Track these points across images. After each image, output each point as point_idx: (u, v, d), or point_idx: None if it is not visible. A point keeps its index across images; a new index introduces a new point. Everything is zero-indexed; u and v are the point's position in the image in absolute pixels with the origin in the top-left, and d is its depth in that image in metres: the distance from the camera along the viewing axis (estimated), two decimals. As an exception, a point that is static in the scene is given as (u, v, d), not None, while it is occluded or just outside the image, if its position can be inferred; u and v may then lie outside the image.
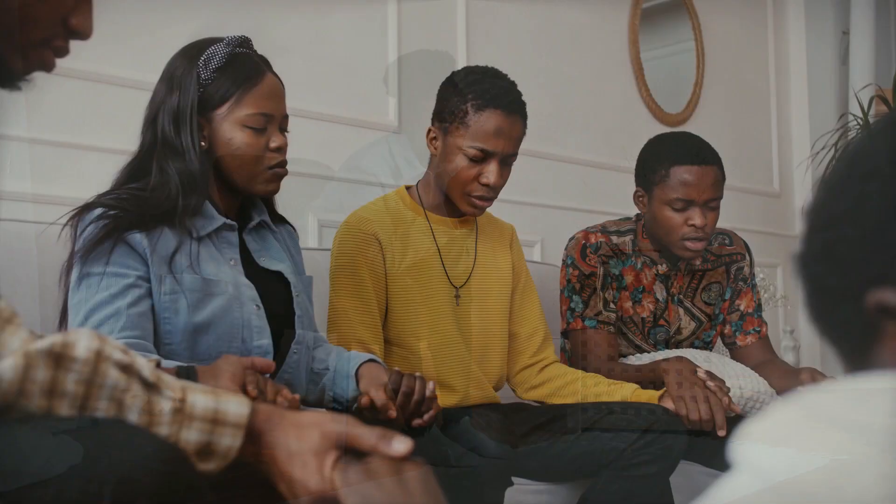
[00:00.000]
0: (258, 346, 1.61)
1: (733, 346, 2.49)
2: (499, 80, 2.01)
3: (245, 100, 1.63)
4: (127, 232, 1.53)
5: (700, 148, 2.31)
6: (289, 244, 1.83)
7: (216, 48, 1.64)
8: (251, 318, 1.61)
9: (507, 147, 1.99)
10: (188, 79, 1.62)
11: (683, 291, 2.42)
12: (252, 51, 1.71)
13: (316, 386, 1.76)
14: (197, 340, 1.56)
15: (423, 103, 3.08)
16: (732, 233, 2.53)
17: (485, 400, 2.09)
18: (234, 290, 1.60)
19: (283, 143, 1.68)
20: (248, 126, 1.63)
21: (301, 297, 1.74)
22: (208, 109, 1.63)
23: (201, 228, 1.62)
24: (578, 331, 2.33)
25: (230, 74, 1.63)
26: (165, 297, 1.54)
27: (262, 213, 1.78)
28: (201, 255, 1.60)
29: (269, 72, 1.69)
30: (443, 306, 2.05)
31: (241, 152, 1.64)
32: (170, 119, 1.61)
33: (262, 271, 1.71)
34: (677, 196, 2.27)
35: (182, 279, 1.55)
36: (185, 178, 1.59)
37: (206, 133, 1.64)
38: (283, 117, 1.70)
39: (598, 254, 2.35)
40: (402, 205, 2.11)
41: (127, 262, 1.53)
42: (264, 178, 1.67)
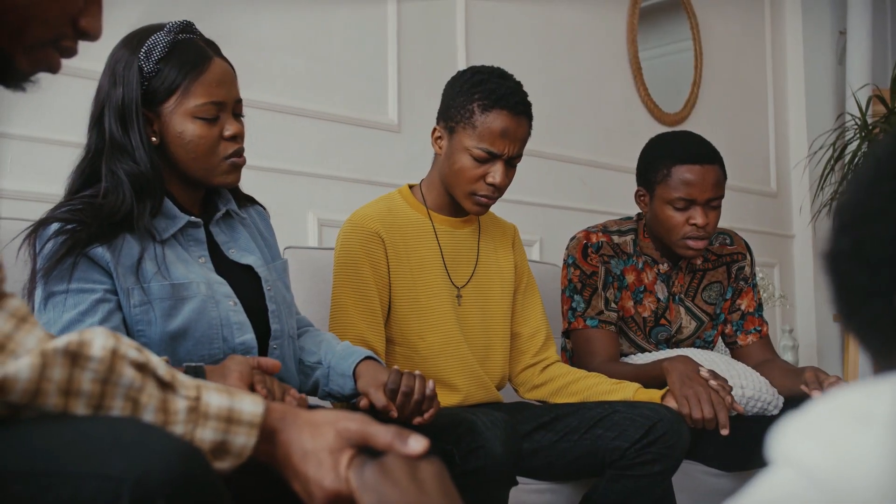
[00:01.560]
0: (241, 343, 1.55)
1: (734, 345, 2.49)
2: (505, 80, 2.01)
3: (192, 89, 1.53)
4: (88, 246, 1.45)
5: (702, 147, 2.32)
6: (260, 226, 1.75)
7: (157, 37, 1.54)
8: (229, 315, 1.54)
9: (513, 148, 1.99)
10: (130, 72, 1.52)
11: (684, 291, 2.43)
12: (196, 35, 1.59)
13: (308, 378, 1.72)
14: (175, 347, 1.50)
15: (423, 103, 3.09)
16: (733, 232, 2.54)
17: (487, 399, 2.09)
18: (207, 290, 1.53)
19: (238, 131, 1.59)
20: (198, 117, 1.54)
21: (274, 289, 1.66)
22: (155, 103, 1.54)
23: (164, 230, 1.55)
24: (580, 330, 2.33)
25: (174, 64, 1.53)
26: (136, 309, 1.47)
27: (228, 202, 1.69)
28: (168, 258, 1.53)
29: (216, 56, 1.58)
30: (445, 306, 2.05)
31: (193, 145, 1.55)
32: (116, 117, 1.52)
33: (233, 265, 1.64)
34: (679, 195, 2.27)
35: (150, 289, 1.48)
36: (137, 180, 1.51)
37: (157, 128, 1.55)
38: (236, 102, 1.60)
39: (600, 253, 2.36)
40: (406, 204, 2.10)
41: (92, 277, 1.45)
42: (222, 169, 1.58)
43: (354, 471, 0.90)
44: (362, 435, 0.93)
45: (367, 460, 0.91)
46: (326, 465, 0.91)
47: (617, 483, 1.90)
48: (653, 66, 4.05)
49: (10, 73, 0.94)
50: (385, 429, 0.93)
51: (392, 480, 0.87)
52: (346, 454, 0.92)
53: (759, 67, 4.66)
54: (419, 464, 0.90)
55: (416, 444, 0.91)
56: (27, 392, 0.80)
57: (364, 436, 0.93)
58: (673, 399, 1.99)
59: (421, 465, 0.89)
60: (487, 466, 1.61)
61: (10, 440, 0.79)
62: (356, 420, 0.94)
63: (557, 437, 1.98)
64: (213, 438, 0.88)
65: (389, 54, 3.09)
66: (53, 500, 0.74)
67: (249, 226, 1.73)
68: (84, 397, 0.83)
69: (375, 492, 0.87)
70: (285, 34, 2.83)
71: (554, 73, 3.57)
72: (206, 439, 0.88)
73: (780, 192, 4.68)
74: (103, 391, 0.84)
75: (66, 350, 0.83)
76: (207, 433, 0.88)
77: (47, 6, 0.92)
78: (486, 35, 3.36)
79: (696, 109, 4.23)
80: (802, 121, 4.72)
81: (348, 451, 0.92)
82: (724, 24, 4.46)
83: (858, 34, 4.61)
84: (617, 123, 3.87)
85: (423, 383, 1.60)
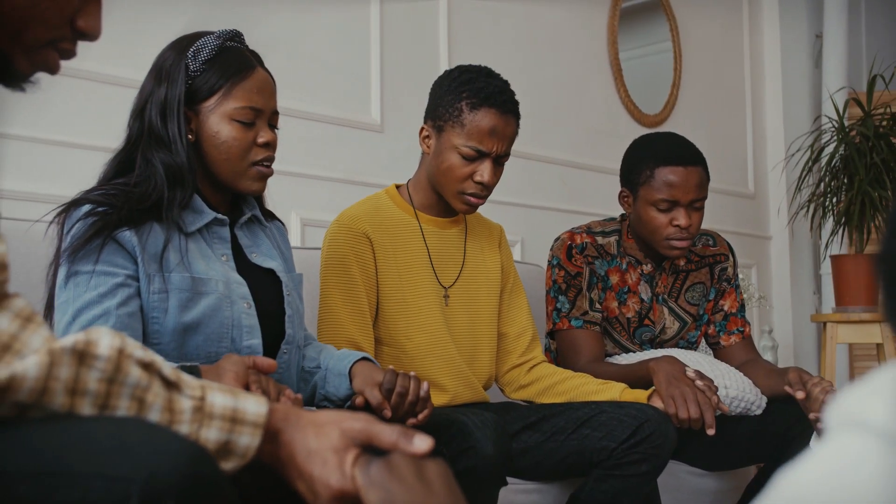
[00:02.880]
0: (247, 346, 1.58)
1: (717, 345, 2.51)
2: (493, 79, 2.02)
3: (234, 93, 1.60)
4: (116, 229, 1.49)
5: (685, 149, 2.33)
6: (279, 240, 1.80)
7: (206, 40, 1.61)
8: (241, 317, 1.58)
9: (502, 146, 1.99)
10: (176, 70, 1.59)
11: (668, 291, 2.44)
12: (243, 45, 1.68)
13: (307, 384, 1.75)
14: (185, 340, 1.53)
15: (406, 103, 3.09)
16: (716, 233, 2.56)
17: (474, 399, 2.10)
18: (225, 288, 1.57)
19: (270, 139, 1.64)
20: (235, 119, 1.60)
21: (292, 295, 1.71)
22: (196, 102, 1.60)
23: (191, 224, 1.59)
24: (565, 331, 2.34)
25: (219, 67, 1.60)
26: (154, 296, 1.51)
27: (254, 208, 1.75)
28: (191, 252, 1.57)
29: (259, 66, 1.66)
30: (432, 306, 2.05)
31: (227, 146, 1.60)
32: (157, 110, 1.58)
33: (254, 268, 1.68)
34: (662, 197, 2.29)
35: (171, 278, 1.52)
36: (171, 169, 1.56)
37: (194, 126, 1.60)
38: (273, 113, 1.67)
39: (584, 254, 2.36)
40: (393, 204, 2.10)
41: (116, 261, 1.49)
42: (250, 175, 1.63)
43: (360, 468, 0.90)
44: (367, 434, 0.93)
45: (373, 458, 0.91)
46: (332, 463, 0.91)
47: (604, 483, 1.91)
48: (632, 67, 4.07)
49: (10, 74, 0.94)
50: (390, 428, 0.93)
51: (398, 478, 0.87)
52: (351, 453, 0.92)
53: (737, 70, 4.69)
54: (425, 463, 0.90)
55: (421, 443, 0.92)
56: (34, 391, 0.80)
57: (369, 435, 0.93)
58: (659, 399, 2.00)
59: (426, 464, 0.90)
60: (478, 466, 1.61)
61: (18, 440, 0.78)
62: (360, 419, 0.94)
63: (544, 437, 1.98)
64: (218, 438, 0.88)
65: (372, 54, 3.08)
66: (62, 500, 0.74)
67: (271, 236, 1.78)
68: (90, 397, 0.83)
69: (382, 488, 0.87)
70: (268, 34, 2.81)
71: (535, 74, 3.58)
72: (211, 439, 0.88)
73: (757, 193, 4.72)
74: (109, 391, 0.84)
75: (73, 349, 0.82)
76: (212, 433, 0.88)
77: (46, 7, 0.92)
78: (469, 36, 3.36)
79: (675, 111, 4.26)
80: (780, 123, 4.76)
81: (353, 450, 0.92)
82: (703, 26, 4.49)
83: (834, 38, 4.66)
84: (597, 124, 3.88)
85: (417, 384, 1.61)
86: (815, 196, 3.90)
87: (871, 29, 5.12)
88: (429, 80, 2.14)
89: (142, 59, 2.45)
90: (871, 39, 5.06)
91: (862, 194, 3.69)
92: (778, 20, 4.80)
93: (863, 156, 3.73)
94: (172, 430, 0.81)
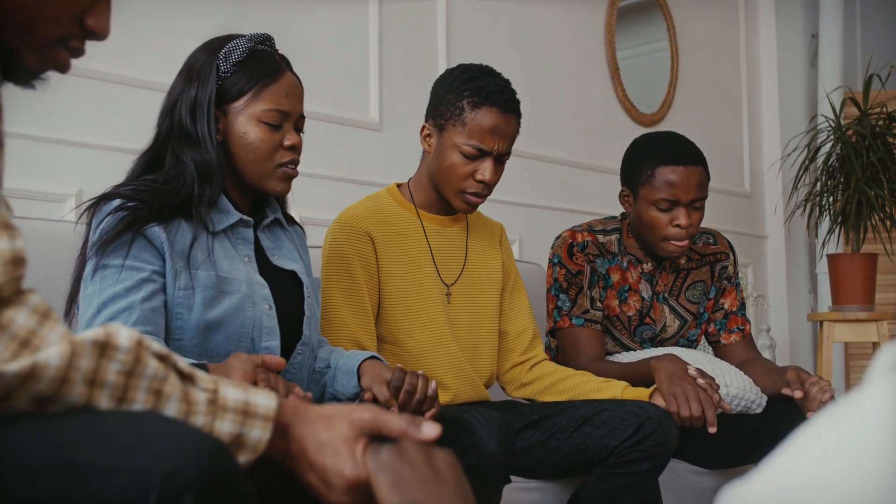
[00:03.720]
0: (266, 348, 1.60)
1: (717, 344, 2.51)
2: (494, 77, 2.02)
3: (263, 95, 1.62)
4: (145, 225, 1.51)
5: (685, 148, 2.34)
6: (298, 245, 1.82)
7: (237, 42, 1.64)
8: (262, 318, 1.60)
9: (503, 144, 2.00)
10: (207, 70, 1.62)
11: (668, 290, 2.45)
12: (273, 49, 1.70)
13: (317, 385, 1.76)
14: (207, 338, 1.55)
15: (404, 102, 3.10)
16: (716, 232, 2.56)
17: (476, 397, 2.10)
18: (248, 289, 1.59)
19: (297, 142, 1.67)
20: (263, 121, 1.63)
21: (311, 298, 1.73)
22: (225, 102, 1.63)
23: (217, 223, 1.61)
24: (566, 329, 2.34)
25: (249, 69, 1.63)
26: (180, 292, 1.53)
27: (276, 211, 1.77)
28: (216, 251, 1.59)
29: (289, 70, 1.69)
30: (434, 304, 2.05)
31: (254, 147, 1.63)
32: (187, 109, 1.60)
33: (276, 270, 1.70)
34: (662, 196, 2.29)
35: (197, 275, 1.54)
36: (200, 167, 1.58)
37: (222, 126, 1.63)
38: (300, 117, 1.69)
39: (585, 252, 2.37)
40: (394, 203, 2.10)
41: (144, 256, 1.51)
42: (275, 176, 1.65)
43: (370, 454, 0.91)
44: (376, 423, 0.95)
45: (383, 445, 0.92)
46: (344, 454, 0.92)
47: (606, 481, 1.92)
48: (629, 66, 4.07)
49: (19, 71, 0.95)
50: (398, 417, 0.95)
51: (408, 462, 0.89)
52: (361, 443, 0.93)
53: (733, 69, 4.70)
54: (433, 450, 0.92)
55: (429, 430, 0.94)
56: (55, 380, 0.80)
57: (378, 424, 0.95)
58: (661, 397, 2.00)
59: (435, 452, 0.91)
60: (482, 464, 1.61)
61: (39, 435, 0.79)
62: (368, 410, 0.96)
63: (546, 435, 1.98)
64: (231, 431, 0.89)
65: (371, 54, 3.08)
66: (83, 493, 0.75)
67: (292, 240, 1.80)
68: (108, 389, 0.84)
69: (391, 471, 0.88)
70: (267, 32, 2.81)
71: (533, 73, 3.59)
72: (225, 431, 0.88)
73: (754, 193, 4.73)
74: (127, 384, 0.85)
75: (94, 341, 0.83)
76: (226, 425, 0.89)
77: (55, 4, 0.93)
78: (467, 36, 3.37)
79: (672, 110, 4.27)
80: (776, 122, 4.78)
81: (363, 440, 0.94)
82: (700, 25, 4.50)
83: (830, 37, 4.68)
84: (595, 124, 3.89)
85: (425, 383, 1.62)
86: (812, 195, 3.91)
87: (867, 28, 5.14)
88: (427, 79, 2.14)
89: (149, 59, 2.47)
90: (867, 39, 5.08)
91: (858, 193, 3.70)
92: (774, 20, 4.82)
93: (859, 155, 3.74)
94: (190, 425, 0.82)
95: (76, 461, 0.76)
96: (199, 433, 0.80)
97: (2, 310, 0.81)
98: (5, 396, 0.79)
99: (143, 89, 2.38)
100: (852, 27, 4.97)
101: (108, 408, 0.84)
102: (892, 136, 3.79)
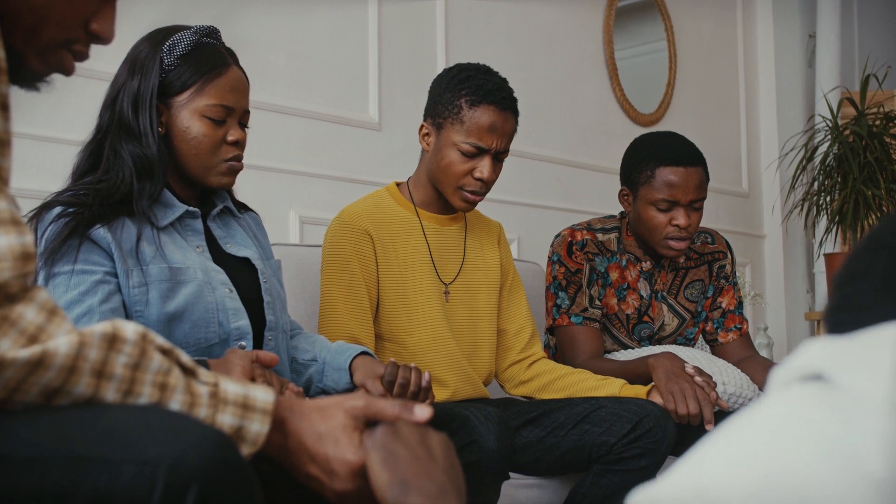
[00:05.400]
0: (236, 328, 1.58)
1: (715, 342, 2.53)
2: (491, 76, 2.04)
3: (206, 90, 1.60)
4: (90, 228, 1.49)
5: (685, 149, 2.35)
6: (254, 230, 1.80)
7: (182, 35, 1.61)
8: (225, 301, 1.58)
9: (501, 142, 2.01)
10: (151, 63, 1.59)
11: (667, 288, 2.46)
12: (219, 42, 1.67)
13: (300, 376, 1.75)
14: (172, 329, 1.53)
15: (403, 101, 3.11)
16: (714, 232, 2.58)
17: (474, 395, 2.11)
18: (204, 276, 1.57)
19: (240, 138, 1.65)
20: (206, 116, 1.60)
21: (270, 282, 1.71)
22: (168, 95, 1.60)
23: (162, 218, 1.59)
24: (564, 327, 2.35)
25: (194, 62, 1.60)
26: (134, 290, 1.51)
27: (225, 200, 1.74)
28: (166, 244, 1.57)
29: (234, 64, 1.66)
30: (433, 302, 2.07)
31: (197, 142, 1.60)
32: (129, 102, 1.58)
33: (230, 257, 1.68)
34: (662, 196, 2.30)
35: (148, 271, 1.52)
36: (139, 161, 1.56)
37: (164, 119, 1.60)
38: (244, 112, 1.67)
39: (584, 251, 2.38)
40: (393, 201, 2.12)
41: (93, 259, 1.49)
42: (218, 170, 1.64)
43: (366, 435, 0.94)
44: (370, 410, 0.97)
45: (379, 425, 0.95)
46: (343, 441, 0.94)
47: (604, 478, 1.93)
48: (627, 66, 4.08)
49: (24, 74, 0.96)
50: (391, 402, 0.98)
51: (402, 440, 0.92)
52: (359, 429, 0.96)
53: (731, 69, 4.71)
54: (428, 432, 0.95)
55: (421, 412, 0.97)
56: (64, 368, 0.81)
57: (371, 410, 0.97)
58: (658, 395, 2.02)
59: (430, 433, 0.95)
60: (481, 460, 1.63)
61: (49, 428, 0.80)
62: (360, 398, 0.98)
63: (545, 432, 2.00)
64: (232, 423, 0.90)
65: (370, 53, 3.09)
66: (91, 485, 0.76)
67: (245, 226, 1.78)
68: (115, 381, 0.85)
69: (384, 449, 0.91)
70: (267, 32, 2.82)
71: (531, 73, 3.60)
72: (226, 424, 0.90)
73: (751, 192, 4.74)
74: (134, 377, 0.86)
75: (103, 333, 0.85)
76: (227, 418, 0.90)
77: (61, 8, 0.93)
78: (466, 35, 3.38)
79: (670, 110, 4.28)
80: (773, 122, 4.78)
81: (360, 427, 0.96)
82: (697, 25, 4.51)
83: (827, 37, 4.68)
84: (593, 123, 3.90)
85: (418, 375, 1.63)
86: (809, 195, 3.93)
87: (865, 29, 5.15)
88: (426, 78, 2.15)
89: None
90: (865, 39, 5.09)
91: (855, 193, 3.72)
92: (772, 20, 4.82)
93: (856, 155, 3.76)
94: (195, 419, 0.84)
95: (84, 454, 0.77)
96: (204, 426, 0.81)
97: (11, 305, 0.81)
98: (15, 388, 0.80)
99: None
100: (850, 27, 4.98)
101: (115, 401, 0.85)
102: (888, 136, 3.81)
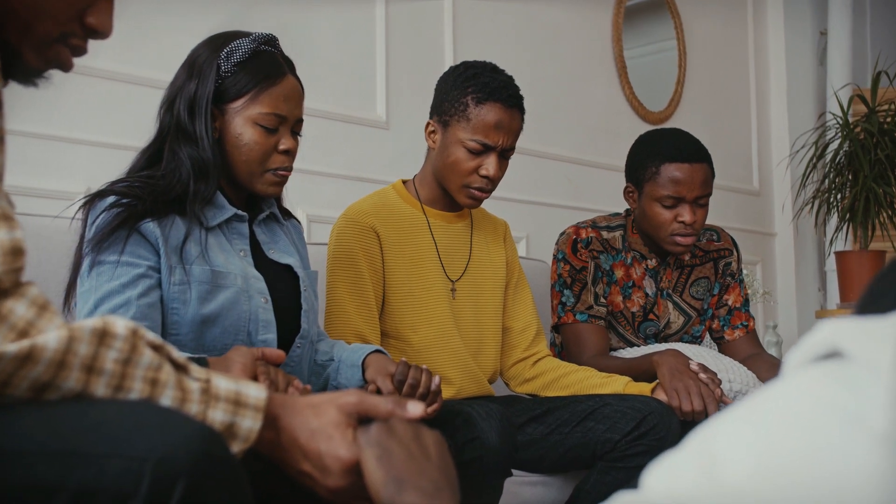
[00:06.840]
0: (262, 341, 1.61)
1: (721, 340, 2.52)
2: (498, 74, 2.04)
3: (261, 98, 1.63)
4: (140, 221, 1.52)
5: (691, 145, 2.34)
6: (295, 238, 1.83)
7: (241, 42, 1.64)
8: (258, 311, 1.61)
9: (507, 140, 2.01)
10: (208, 68, 1.62)
11: (672, 286, 2.46)
12: (277, 50, 1.70)
13: (319, 378, 1.77)
14: (203, 332, 1.56)
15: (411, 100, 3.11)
16: (720, 229, 2.57)
17: (479, 393, 2.11)
18: (243, 283, 1.60)
19: (291, 147, 1.67)
20: (259, 124, 1.63)
21: (308, 291, 1.74)
22: (224, 101, 1.63)
23: (212, 218, 1.63)
24: (570, 325, 2.35)
25: (250, 70, 1.63)
26: (175, 287, 1.54)
27: (272, 206, 1.78)
28: (212, 246, 1.60)
29: (290, 74, 1.69)
30: (439, 299, 2.07)
31: (248, 149, 1.63)
32: (186, 105, 1.61)
33: (272, 263, 1.71)
34: (667, 193, 2.30)
35: (192, 270, 1.55)
36: (196, 163, 1.59)
37: (219, 125, 1.64)
38: (297, 121, 1.70)
39: (589, 249, 2.38)
40: (399, 199, 2.12)
41: (139, 252, 1.52)
42: (266, 179, 1.67)
43: (361, 432, 0.94)
44: (362, 406, 0.98)
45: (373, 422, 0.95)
46: (336, 438, 0.94)
47: (608, 475, 1.93)
48: (637, 65, 4.08)
49: (21, 69, 0.96)
50: (384, 399, 0.99)
51: (396, 438, 0.92)
52: (352, 426, 0.96)
53: (741, 67, 4.70)
54: (422, 429, 0.95)
55: (414, 408, 0.98)
56: (53, 363, 0.82)
57: (364, 407, 0.98)
58: (663, 392, 2.01)
59: (424, 431, 0.95)
60: (484, 457, 1.63)
61: (36, 422, 0.80)
62: (353, 394, 0.99)
63: (549, 429, 2.00)
64: (223, 420, 0.90)
65: (378, 52, 3.10)
66: (79, 479, 0.76)
67: (288, 233, 1.81)
68: (105, 376, 0.85)
69: (378, 446, 0.91)
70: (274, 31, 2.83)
71: (540, 71, 3.60)
72: (217, 420, 0.90)
73: (762, 190, 4.72)
74: (124, 372, 0.86)
75: (93, 328, 0.85)
76: (218, 414, 0.90)
77: (55, 2, 0.93)
78: (473, 33, 3.38)
79: (679, 108, 4.27)
80: (784, 120, 4.77)
81: (353, 423, 0.97)
82: (708, 24, 4.49)
83: (838, 35, 4.66)
84: (602, 122, 3.90)
85: (429, 377, 1.63)
86: (820, 192, 3.91)
87: (876, 26, 5.12)
88: (434, 77, 2.15)
89: (155, 57, 2.49)
90: (876, 36, 5.06)
91: (866, 190, 3.70)
92: (782, 17, 4.81)
93: (867, 152, 3.74)
94: (184, 414, 0.84)
95: (71, 448, 0.77)
96: (193, 421, 0.81)
97: (2, 300, 0.82)
98: (4, 382, 0.80)
99: (149, 87, 2.40)
100: (861, 24, 4.95)
101: (105, 396, 0.85)
102: (899, 133, 3.79)
